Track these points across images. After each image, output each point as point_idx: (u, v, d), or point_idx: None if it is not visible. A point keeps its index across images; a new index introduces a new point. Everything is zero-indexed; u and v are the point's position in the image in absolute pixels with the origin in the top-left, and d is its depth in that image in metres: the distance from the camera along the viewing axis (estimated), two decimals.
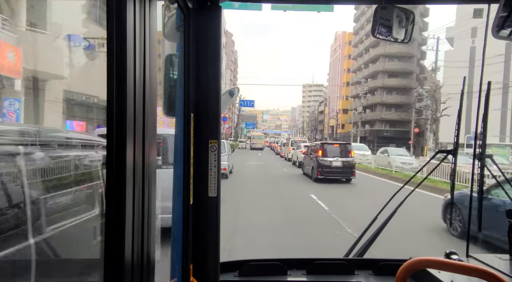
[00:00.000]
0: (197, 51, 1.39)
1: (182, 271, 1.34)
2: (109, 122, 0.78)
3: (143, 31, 0.84)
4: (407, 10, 1.59)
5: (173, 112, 1.39)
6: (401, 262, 1.20)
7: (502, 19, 1.28)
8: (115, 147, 0.78)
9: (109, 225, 0.79)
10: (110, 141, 0.78)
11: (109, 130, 0.77)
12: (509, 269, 1.69)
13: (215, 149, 1.43)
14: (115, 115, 0.77)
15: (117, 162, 0.78)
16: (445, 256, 1.73)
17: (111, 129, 0.77)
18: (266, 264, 1.87)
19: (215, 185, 1.43)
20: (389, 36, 1.62)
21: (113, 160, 0.78)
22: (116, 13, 0.77)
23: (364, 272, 1.90)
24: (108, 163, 0.78)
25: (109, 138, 0.78)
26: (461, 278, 1.45)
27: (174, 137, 1.37)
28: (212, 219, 1.44)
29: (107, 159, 0.78)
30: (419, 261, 1.02)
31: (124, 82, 0.78)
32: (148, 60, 0.86)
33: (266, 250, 6.18)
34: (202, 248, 1.43)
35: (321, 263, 1.88)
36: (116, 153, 0.78)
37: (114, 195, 0.78)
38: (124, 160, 0.78)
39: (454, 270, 1.02)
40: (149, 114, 0.87)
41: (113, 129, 0.77)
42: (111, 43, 0.77)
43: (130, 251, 0.80)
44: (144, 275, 0.86)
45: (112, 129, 0.77)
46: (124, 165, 0.78)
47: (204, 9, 1.39)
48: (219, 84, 1.43)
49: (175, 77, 1.43)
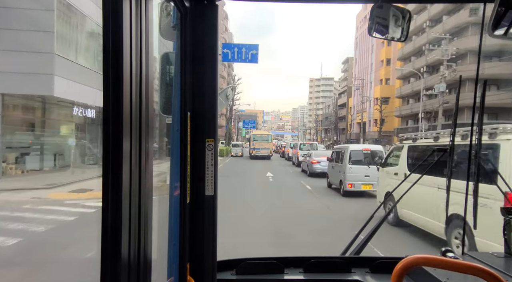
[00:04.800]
0: (194, 49, 1.40)
1: (179, 270, 1.34)
2: (105, 121, 0.78)
3: (139, 30, 0.86)
4: (403, 9, 1.61)
5: (170, 111, 1.41)
6: (397, 260, 1.14)
7: (498, 18, 1.33)
8: (111, 145, 0.79)
9: (106, 224, 0.79)
10: (106, 139, 0.79)
11: (105, 128, 0.78)
12: (504, 266, 1.72)
13: (212, 147, 1.44)
14: (111, 114, 0.78)
15: (113, 160, 0.79)
16: (441, 254, 1.70)
17: (107, 127, 0.78)
18: (263, 262, 1.89)
19: (212, 183, 1.44)
20: (386, 35, 1.66)
21: (109, 158, 0.79)
22: (112, 11, 0.78)
23: (360, 270, 1.90)
24: (105, 161, 0.79)
25: (105, 136, 0.79)
26: (457, 275, 1.39)
27: (171, 136, 1.39)
28: (209, 217, 1.45)
29: (103, 157, 0.79)
30: (415, 259, 1.04)
31: (120, 81, 0.79)
32: (144, 59, 0.88)
33: None
34: (199, 247, 1.45)
35: (317, 261, 1.90)
36: (113, 151, 0.79)
37: (111, 194, 0.79)
38: (121, 158, 0.79)
39: (450, 268, 1.03)
40: (146, 113, 0.89)
41: (110, 127, 0.78)
42: (107, 42, 0.78)
43: (127, 250, 0.82)
44: (141, 273, 0.88)
45: (109, 127, 0.78)
46: (120, 163, 0.79)
47: (200, 7, 1.40)
48: (216, 83, 1.44)
49: (172, 76, 1.46)
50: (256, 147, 37.59)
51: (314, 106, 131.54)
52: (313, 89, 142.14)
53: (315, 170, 19.24)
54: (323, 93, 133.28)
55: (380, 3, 1.55)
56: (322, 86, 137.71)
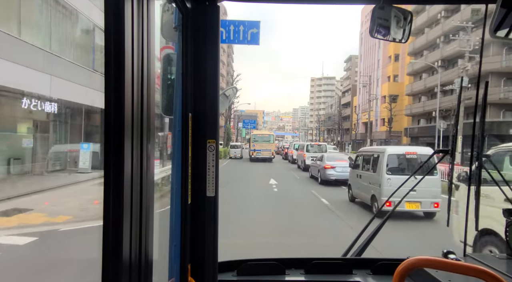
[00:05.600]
0: (195, 50, 1.40)
1: (180, 271, 1.34)
2: (106, 122, 0.78)
3: (141, 30, 0.86)
4: (405, 10, 1.60)
5: (171, 112, 1.40)
6: (398, 261, 1.15)
7: (499, 20, 1.34)
8: (113, 146, 0.79)
9: (107, 225, 0.79)
10: (108, 140, 0.79)
11: (106, 129, 0.79)
12: (506, 268, 1.74)
13: (213, 148, 1.44)
14: (112, 115, 0.78)
15: (115, 161, 0.79)
16: (443, 256, 1.74)
17: (109, 128, 0.79)
18: (264, 263, 1.88)
19: (213, 184, 1.44)
20: (387, 36, 1.65)
21: (111, 160, 0.79)
22: (114, 12, 0.78)
23: (362, 272, 1.89)
24: (106, 163, 0.79)
25: (107, 137, 0.79)
26: (459, 277, 1.44)
27: (172, 137, 1.39)
28: (210, 218, 1.44)
29: (105, 158, 0.79)
30: (416, 260, 1.03)
31: (122, 82, 0.79)
32: (146, 60, 0.88)
33: None
34: (200, 248, 1.44)
35: (319, 263, 1.89)
36: (114, 152, 0.79)
37: (112, 195, 0.79)
38: (122, 159, 0.79)
39: (452, 270, 1.04)
40: (147, 114, 0.89)
41: (111, 128, 0.79)
42: (109, 42, 0.78)
43: (128, 250, 0.82)
44: (142, 274, 0.88)
45: (110, 128, 0.79)
46: (122, 164, 0.79)
47: (202, 8, 1.40)
48: (217, 84, 1.44)
49: (173, 76, 1.47)
50: (257, 148, 34.01)
51: (316, 106, 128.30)
52: (315, 89, 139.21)
53: (328, 177, 15.92)
54: (325, 93, 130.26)
55: (382, 4, 1.54)
56: (323, 86, 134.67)
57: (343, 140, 70.04)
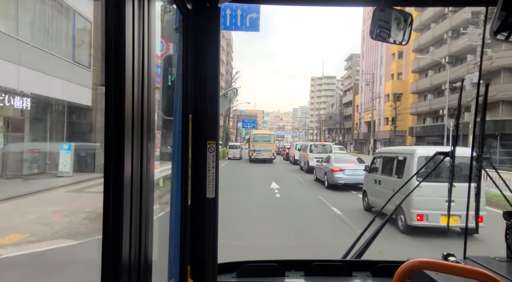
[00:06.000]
0: (196, 52, 1.41)
1: (180, 272, 1.34)
2: (107, 123, 0.79)
3: (141, 32, 0.86)
4: (405, 13, 1.60)
5: (172, 113, 1.41)
6: (398, 263, 1.15)
7: (500, 22, 1.34)
8: (113, 147, 0.79)
9: (107, 226, 0.79)
10: (108, 141, 0.78)
11: (107, 130, 0.79)
12: (506, 270, 1.71)
13: (213, 150, 1.44)
14: (113, 116, 0.78)
15: (115, 162, 0.79)
16: (443, 258, 1.72)
17: (109, 129, 0.79)
18: (263, 265, 1.88)
19: (213, 186, 1.44)
20: (388, 38, 1.66)
21: (111, 161, 0.78)
22: (115, 13, 0.78)
23: (361, 274, 1.89)
24: (106, 163, 0.79)
25: (107, 138, 0.79)
26: (459, 280, 1.35)
27: (172, 138, 1.39)
28: (210, 220, 1.45)
29: (105, 159, 0.79)
30: (416, 262, 1.03)
31: (122, 83, 0.79)
32: (146, 61, 0.88)
33: None
34: (200, 249, 1.44)
35: (318, 265, 1.89)
36: (114, 153, 0.79)
37: (112, 196, 0.79)
38: (122, 160, 0.79)
39: (452, 272, 1.03)
40: (148, 114, 0.89)
41: (111, 129, 0.79)
42: (109, 44, 0.78)
43: (127, 251, 0.81)
44: (141, 276, 0.87)
45: (110, 129, 0.78)
46: (122, 165, 0.79)
47: (202, 9, 1.41)
48: (217, 85, 1.45)
49: (174, 78, 1.47)
50: (257, 149, 32.38)
51: (316, 106, 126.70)
52: (315, 88, 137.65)
53: (337, 181, 14.30)
54: (325, 92, 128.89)
55: (382, 6, 1.55)
56: (324, 85, 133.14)
57: (345, 140, 68.41)
